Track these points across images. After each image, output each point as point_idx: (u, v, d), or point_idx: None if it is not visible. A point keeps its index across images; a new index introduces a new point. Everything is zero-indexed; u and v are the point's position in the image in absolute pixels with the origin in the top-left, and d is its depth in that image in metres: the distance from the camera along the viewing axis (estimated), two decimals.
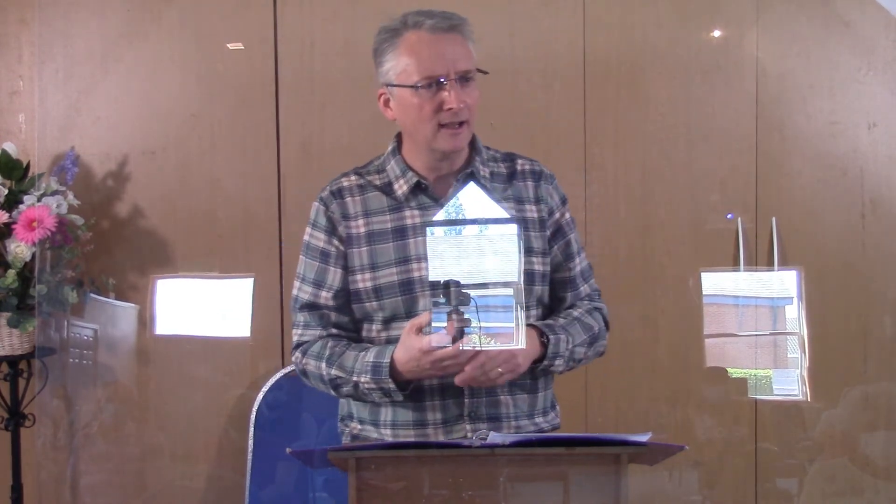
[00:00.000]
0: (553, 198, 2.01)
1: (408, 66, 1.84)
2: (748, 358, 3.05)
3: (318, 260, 1.95)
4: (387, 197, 1.94)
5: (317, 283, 1.95)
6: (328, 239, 1.94)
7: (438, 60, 1.82)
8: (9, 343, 2.76)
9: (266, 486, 2.75)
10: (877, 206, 2.99)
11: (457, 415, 1.88)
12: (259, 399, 2.81)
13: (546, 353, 1.87)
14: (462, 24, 1.87)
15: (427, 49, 1.83)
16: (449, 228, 1.78)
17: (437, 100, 1.83)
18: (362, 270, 1.91)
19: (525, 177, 2.00)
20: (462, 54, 1.84)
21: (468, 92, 1.85)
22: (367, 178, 1.97)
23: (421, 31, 1.84)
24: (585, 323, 1.98)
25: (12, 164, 2.81)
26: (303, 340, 1.97)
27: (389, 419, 1.91)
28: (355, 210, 1.94)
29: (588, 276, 2.07)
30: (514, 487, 1.60)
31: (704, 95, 2.98)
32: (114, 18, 2.95)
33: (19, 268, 2.70)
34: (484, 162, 1.97)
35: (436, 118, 1.85)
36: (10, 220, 2.72)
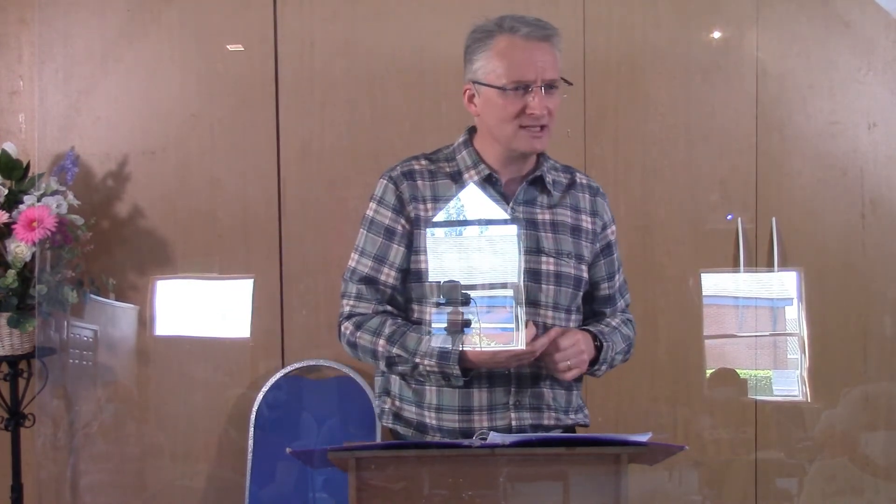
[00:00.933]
0: (607, 214, 2.10)
1: (498, 68, 1.90)
2: (748, 358, 3.05)
3: (381, 236, 1.98)
4: (455, 185, 1.98)
5: (379, 258, 1.98)
6: (395, 217, 1.97)
7: (529, 67, 1.89)
8: (9, 343, 2.76)
9: (266, 486, 2.75)
10: (877, 206, 2.99)
11: (503, 402, 1.93)
12: (259, 399, 2.81)
13: (598, 358, 1.97)
14: (554, 35, 1.94)
15: (519, 55, 1.89)
16: (519, 227, 1.90)
17: (521, 103, 1.90)
18: (426, 252, 1.94)
19: (584, 189, 2.07)
20: (551, 63, 1.91)
21: (552, 99, 1.92)
22: (437, 164, 2.02)
23: (515, 36, 1.90)
24: (624, 333, 2.08)
25: (12, 164, 2.81)
26: (357, 312, 1.99)
27: (435, 402, 1.95)
28: (425, 193, 1.98)
29: (624, 291, 2.16)
30: (514, 487, 1.60)
31: (704, 95, 2.98)
32: (114, 18, 2.95)
33: (19, 268, 2.70)
34: (549, 169, 2.04)
35: (518, 120, 1.91)
36: (10, 220, 2.72)
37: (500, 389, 1.94)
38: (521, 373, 1.94)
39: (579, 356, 1.89)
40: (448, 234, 1.92)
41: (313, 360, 2.91)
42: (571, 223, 2.02)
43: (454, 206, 1.95)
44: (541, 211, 1.99)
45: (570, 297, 2.00)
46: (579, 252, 2.01)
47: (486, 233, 1.89)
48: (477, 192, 1.96)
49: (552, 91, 1.92)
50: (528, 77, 1.89)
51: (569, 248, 1.99)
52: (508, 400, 1.94)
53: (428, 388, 1.96)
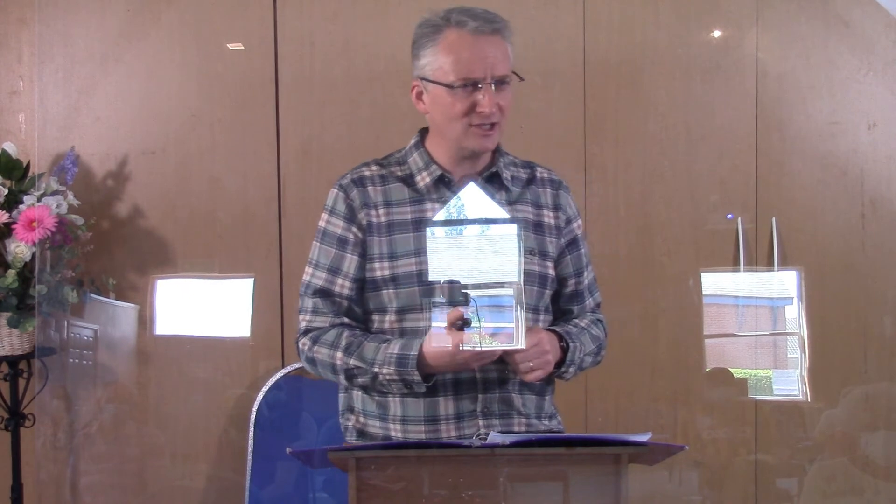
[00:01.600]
0: (571, 208, 2.03)
1: (445, 65, 1.85)
2: (748, 358, 3.05)
3: (334, 247, 1.94)
4: (408, 188, 1.94)
5: (332, 269, 1.93)
6: (347, 226, 1.93)
7: (477, 63, 1.83)
8: (9, 343, 2.76)
9: (266, 486, 2.75)
10: (877, 206, 2.99)
11: (470, 410, 1.87)
12: (259, 399, 2.81)
13: (565, 359, 1.89)
14: (505, 28, 1.87)
15: (467, 50, 1.83)
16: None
17: (470, 100, 1.84)
18: (381, 259, 1.90)
19: (544, 184, 2.01)
20: (501, 58, 1.85)
21: (502, 95, 1.86)
22: (388, 169, 1.97)
23: (463, 30, 1.84)
24: (593, 334, 2.00)
25: (12, 164, 2.81)
26: (313, 326, 1.94)
27: (399, 414, 1.90)
28: (376, 199, 1.93)
29: (594, 289, 2.09)
30: (514, 487, 1.60)
31: (704, 95, 2.98)
32: (114, 18, 2.95)
33: (19, 268, 2.70)
34: (507, 165, 1.99)
35: (467, 118, 1.86)
36: (10, 220, 2.72)
37: (467, 397, 1.87)
38: (488, 378, 1.88)
39: (542, 356, 1.80)
40: (406, 238, 1.88)
41: None
42: (533, 219, 1.96)
43: (408, 210, 1.91)
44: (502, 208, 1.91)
45: (537, 296, 1.94)
46: (543, 248, 1.95)
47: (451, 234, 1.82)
48: (430, 194, 1.92)
49: (503, 87, 1.86)
50: (476, 74, 1.83)
51: (532, 245, 1.93)
52: (476, 407, 1.87)
53: (392, 400, 1.90)
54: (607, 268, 2.95)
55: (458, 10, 1.86)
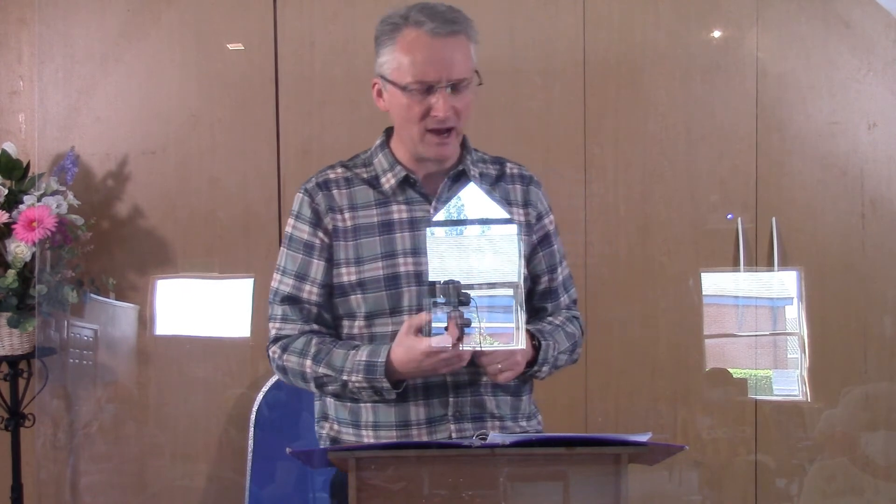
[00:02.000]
0: (542, 203, 1.99)
1: (401, 65, 1.79)
2: (748, 358, 3.05)
3: (301, 252, 1.91)
4: (373, 191, 1.91)
5: (300, 275, 1.91)
6: (313, 231, 1.91)
7: (432, 65, 1.77)
8: (9, 343, 2.76)
9: (266, 486, 2.75)
10: (877, 206, 2.99)
11: (441, 414, 1.85)
12: (259, 399, 2.81)
13: (537, 358, 1.85)
14: (464, 28, 1.81)
15: (423, 52, 1.78)
16: (449, 228, 1.78)
17: (425, 104, 1.80)
18: (347, 264, 1.88)
19: (514, 180, 1.97)
20: (459, 60, 1.79)
21: (460, 98, 1.80)
22: (353, 171, 1.94)
23: (421, 30, 1.78)
24: (567, 331, 1.96)
25: (12, 164, 2.81)
26: (282, 335, 1.92)
27: (371, 420, 1.89)
28: (342, 202, 1.90)
29: (569, 285, 2.05)
30: (514, 487, 1.60)
31: (704, 95, 2.98)
32: (114, 18, 2.95)
33: (19, 268, 2.70)
34: (474, 162, 1.95)
35: (423, 122, 1.81)
36: (10, 220, 2.72)
37: (438, 401, 1.85)
38: (459, 381, 1.85)
39: (511, 357, 1.75)
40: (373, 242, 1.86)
41: None
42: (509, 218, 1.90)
43: (374, 213, 1.89)
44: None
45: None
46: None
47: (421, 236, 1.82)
48: (396, 196, 1.89)
49: (461, 90, 1.79)
50: (430, 77, 1.77)
51: None
52: (447, 411, 1.85)
53: (363, 407, 1.88)
54: (607, 268, 2.95)
55: (419, 8, 1.80)
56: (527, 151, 2.94)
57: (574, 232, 2.93)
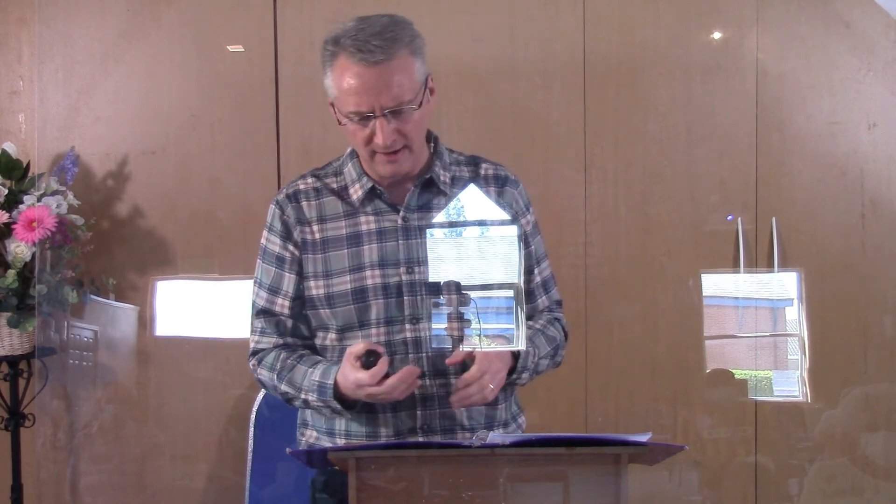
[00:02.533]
0: (518, 203, 1.95)
1: (339, 94, 1.78)
2: (748, 359, 3.05)
3: (273, 265, 1.91)
4: (342, 202, 1.89)
5: (272, 289, 1.91)
6: (283, 244, 1.90)
7: (363, 96, 1.73)
8: (9, 343, 2.76)
9: (266, 486, 2.75)
10: (877, 206, 2.99)
11: (409, 427, 1.85)
12: (259, 399, 2.81)
13: (516, 366, 1.82)
14: (398, 49, 1.73)
15: (354, 83, 1.74)
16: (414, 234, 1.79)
17: (367, 130, 1.77)
18: (316, 277, 1.87)
19: (487, 182, 1.93)
20: (393, 85, 1.73)
21: (402, 121, 1.76)
22: (323, 181, 1.92)
23: (351, 60, 1.74)
24: (549, 335, 1.93)
25: (12, 164, 2.81)
26: (258, 348, 1.93)
27: (344, 429, 1.90)
28: (310, 215, 1.89)
29: (549, 286, 2.01)
30: (514, 487, 1.59)
31: (704, 95, 2.98)
32: (114, 18, 2.95)
33: (19, 268, 2.70)
34: (446, 166, 1.91)
35: (369, 146, 1.79)
36: (10, 220, 2.72)
37: (405, 413, 1.84)
38: (427, 394, 1.83)
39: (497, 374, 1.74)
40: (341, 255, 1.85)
41: None
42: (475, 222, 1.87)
43: (342, 224, 1.87)
44: (437, 214, 1.84)
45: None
46: None
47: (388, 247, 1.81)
48: (363, 206, 1.87)
49: (402, 114, 1.75)
50: (363, 107, 1.74)
51: None
52: (415, 424, 1.84)
53: (338, 417, 1.89)
54: (607, 268, 2.95)
55: (353, 32, 1.75)
56: (527, 151, 2.95)
57: (574, 232, 2.93)
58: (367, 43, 1.72)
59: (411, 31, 1.78)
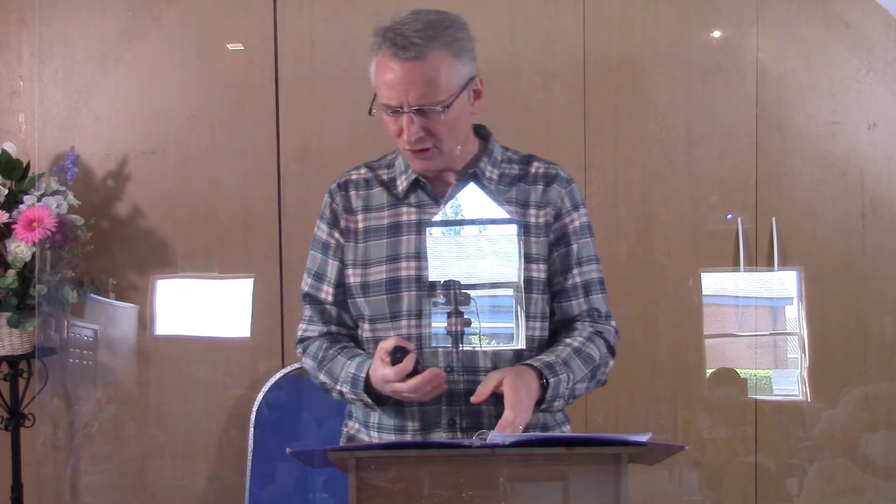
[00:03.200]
0: (563, 202, 1.89)
1: (377, 85, 1.78)
2: (748, 358, 3.05)
3: (320, 252, 1.93)
4: (388, 193, 1.90)
5: (317, 275, 1.93)
6: (330, 231, 1.92)
7: (395, 90, 1.73)
8: (9, 343, 2.76)
9: (266, 486, 2.75)
10: (877, 206, 2.99)
11: (434, 422, 1.84)
12: (259, 399, 2.81)
13: (545, 397, 1.77)
14: (437, 47, 1.71)
15: (389, 77, 1.74)
16: (447, 228, 1.78)
17: (399, 124, 1.77)
18: (354, 266, 1.88)
19: (536, 180, 1.90)
20: (423, 84, 1.71)
21: (432, 120, 1.74)
22: (375, 172, 1.93)
23: (389, 54, 1.73)
24: (586, 354, 1.85)
25: (12, 164, 2.81)
26: (305, 336, 1.95)
27: (377, 422, 1.90)
28: (357, 204, 1.91)
29: (591, 291, 1.92)
30: (514, 487, 1.59)
31: (704, 95, 2.98)
32: (114, 18, 2.95)
33: (19, 268, 2.70)
34: (495, 163, 1.90)
35: (400, 140, 1.79)
36: (10, 220, 2.72)
37: (432, 408, 1.83)
38: (454, 391, 1.80)
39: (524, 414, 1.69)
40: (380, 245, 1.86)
41: None
42: (516, 220, 1.86)
43: (385, 214, 1.88)
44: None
45: (524, 302, 1.86)
46: (527, 251, 1.84)
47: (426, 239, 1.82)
48: (407, 198, 1.88)
49: (430, 114, 1.73)
50: (393, 102, 1.74)
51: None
52: (440, 420, 1.83)
53: (372, 410, 1.89)
54: (607, 268, 2.92)
55: (396, 25, 1.73)
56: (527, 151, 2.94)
57: None
58: (405, 38, 1.71)
59: (457, 31, 1.76)
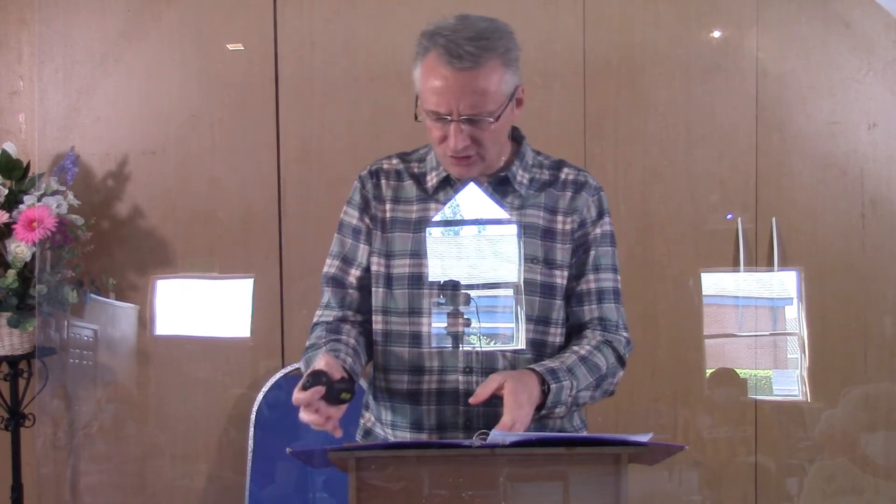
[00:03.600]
0: (589, 209, 1.89)
1: (423, 90, 1.76)
2: (748, 358, 3.05)
3: (349, 237, 1.91)
4: (418, 187, 1.90)
5: (346, 258, 1.91)
6: (360, 216, 1.91)
7: (445, 98, 1.71)
8: (9, 343, 2.76)
9: (266, 486, 2.75)
10: (877, 206, 2.99)
11: (452, 422, 1.84)
12: (259, 399, 2.81)
13: (545, 403, 1.75)
14: (489, 57, 1.70)
15: (438, 83, 1.71)
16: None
17: (443, 130, 1.76)
18: (378, 255, 1.88)
19: (565, 186, 1.90)
20: (475, 93, 1.70)
21: (479, 128, 1.74)
22: (407, 164, 1.93)
23: (439, 60, 1.70)
24: (592, 363, 1.81)
25: (12, 164, 2.81)
26: (318, 321, 1.91)
27: (390, 419, 1.90)
28: (387, 193, 1.90)
29: (604, 299, 1.89)
30: (514, 487, 1.59)
31: (704, 95, 2.98)
32: (114, 18, 2.95)
33: (19, 268, 2.70)
34: (527, 168, 1.90)
35: (442, 146, 1.78)
36: (10, 220, 2.72)
37: (449, 408, 1.82)
38: (470, 391, 1.77)
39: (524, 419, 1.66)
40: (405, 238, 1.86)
41: None
42: (543, 225, 1.85)
43: (413, 208, 1.88)
44: (508, 213, 1.85)
45: (542, 307, 1.83)
46: (551, 257, 1.84)
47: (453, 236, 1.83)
48: (436, 194, 1.88)
49: (479, 122, 1.72)
50: (442, 109, 1.71)
51: (535, 253, 1.83)
52: (458, 420, 1.82)
53: (382, 405, 1.89)
54: None
55: (448, 32, 1.71)
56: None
57: None
58: (458, 46, 1.69)
59: (508, 40, 1.76)
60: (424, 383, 1.84)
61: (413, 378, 1.85)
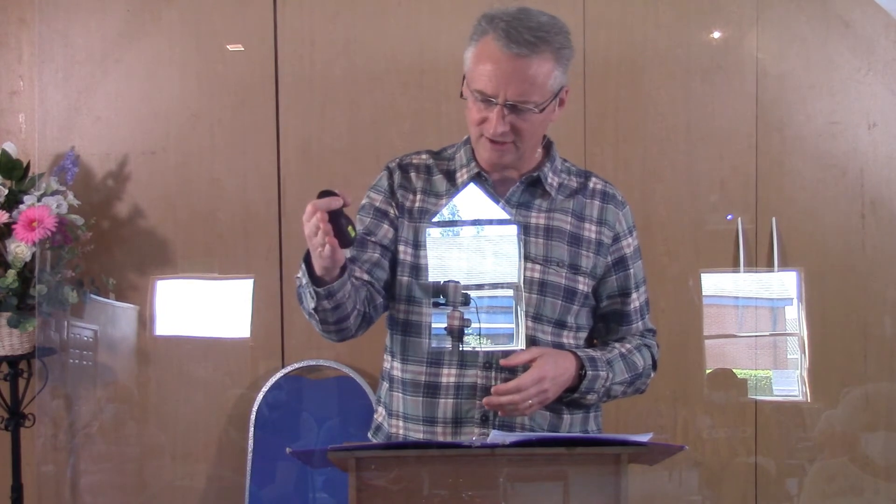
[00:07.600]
0: (621, 224, 1.94)
1: (472, 69, 1.77)
2: (748, 358, 3.05)
3: (370, 216, 1.90)
4: (448, 182, 1.91)
5: (367, 231, 1.88)
6: (386, 200, 1.91)
7: (493, 80, 1.74)
8: (9, 343, 2.76)
9: (266, 486, 2.75)
10: (877, 206, 2.99)
11: (468, 416, 1.84)
12: (259, 399, 2.81)
13: (579, 386, 1.81)
14: (544, 50, 1.74)
15: (489, 65, 1.74)
16: (519, 233, 1.81)
17: (484, 113, 1.78)
18: (406, 244, 1.88)
19: (594, 195, 1.93)
20: (524, 81, 1.73)
21: (520, 117, 1.76)
22: (437, 160, 1.94)
23: (497, 43, 1.73)
24: (631, 361, 1.92)
25: (12, 164, 2.81)
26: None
27: (401, 410, 1.90)
28: (417, 185, 1.91)
29: (644, 312, 2.01)
30: (514, 487, 1.59)
31: (704, 95, 2.98)
32: (114, 18, 2.95)
33: (19, 268, 2.70)
34: (556, 171, 1.92)
35: (480, 127, 1.80)
36: (10, 220, 2.72)
37: (467, 401, 1.82)
38: (490, 385, 1.80)
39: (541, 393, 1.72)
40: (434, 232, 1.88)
41: (313, 360, 2.91)
42: (570, 230, 1.88)
43: (443, 202, 1.89)
44: (536, 214, 1.87)
45: (562, 310, 1.86)
46: (576, 262, 1.87)
47: (480, 232, 1.84)
48: (469, 190, 1.89)
49: (522, 111, 1.76)
50: (489, 90, 1.74)
51: (561, 256, 1.85)
52: (474, 414, 1.83)
53: (395, 395, 1.90)
54: None
55: (510, 17, 1.74)
56: None
57: None
58: (518, 32, 1.72)
59: (564, 39, 1.80)
60: (443, 376, 1.84)
61: (432, 370, 1.85)
